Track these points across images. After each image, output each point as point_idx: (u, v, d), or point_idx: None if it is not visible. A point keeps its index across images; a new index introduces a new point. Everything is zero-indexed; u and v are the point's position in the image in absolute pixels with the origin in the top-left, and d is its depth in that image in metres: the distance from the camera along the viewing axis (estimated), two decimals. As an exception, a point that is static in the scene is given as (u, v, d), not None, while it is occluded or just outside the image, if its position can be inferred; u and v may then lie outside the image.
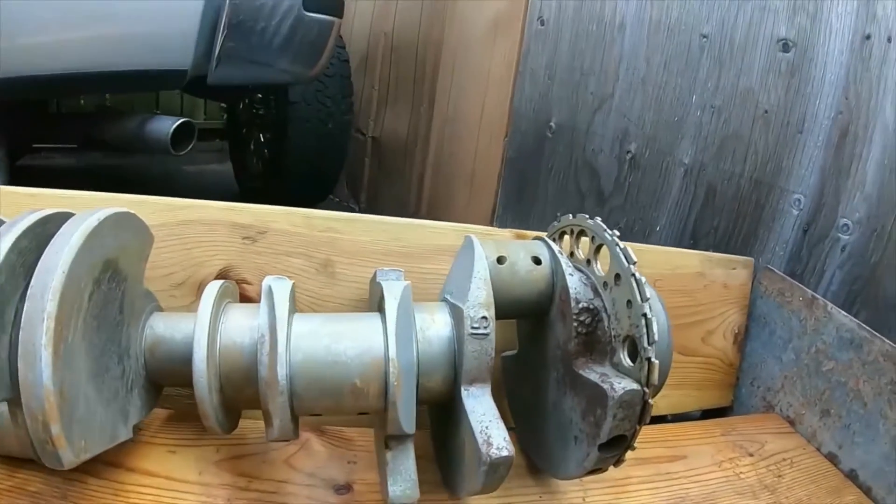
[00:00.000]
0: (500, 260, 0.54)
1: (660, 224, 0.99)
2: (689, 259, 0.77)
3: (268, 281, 0.51)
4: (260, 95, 1.87)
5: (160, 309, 0.59)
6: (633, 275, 0.51)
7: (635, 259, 0.52)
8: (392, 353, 0.46)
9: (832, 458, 0.73)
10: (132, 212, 0.54)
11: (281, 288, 0.49)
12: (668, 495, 0.63)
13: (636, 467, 0.64)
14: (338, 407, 0.48)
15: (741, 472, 0.68)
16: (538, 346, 0.58)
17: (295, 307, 0.52)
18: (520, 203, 1.26)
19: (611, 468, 0.53)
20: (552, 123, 1.15)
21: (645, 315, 0.50)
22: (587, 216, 0.57)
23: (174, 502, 0.54)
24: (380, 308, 0.51)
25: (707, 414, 0.83)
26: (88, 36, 1.11)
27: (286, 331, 0.46)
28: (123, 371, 0.54)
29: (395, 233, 0.64)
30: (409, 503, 0.50)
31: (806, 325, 0.77)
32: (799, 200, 0.91)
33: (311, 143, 1.74)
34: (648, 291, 0.51)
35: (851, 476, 0.70)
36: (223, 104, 2.31)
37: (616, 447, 0.52)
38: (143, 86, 1.46)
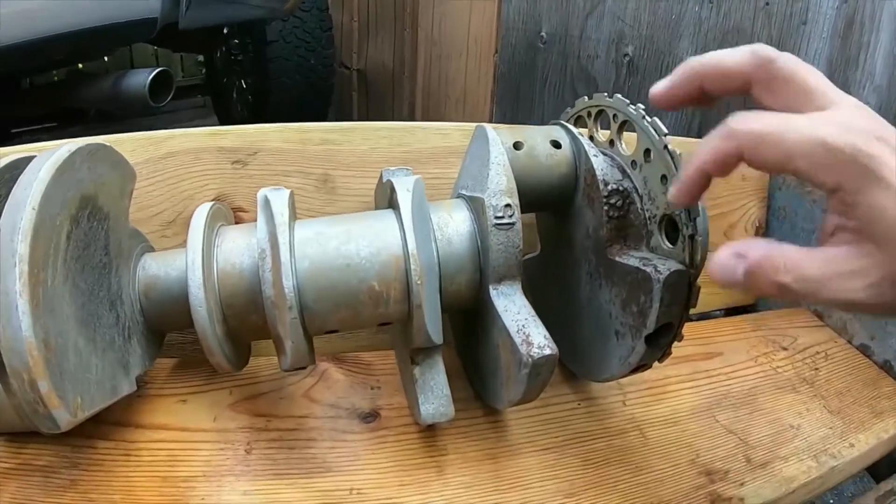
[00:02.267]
0: (516, 145, 0.44)
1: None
2: (704, 149, 0.67)
3: (263, 192, 0.41)
4: (236, 41, 1.71)
5: (152, 249, 0.49)
6: (666, 146, 0.42)
7: (666, 130, 0.42)
8: (412, 247, 0.36)
9: (864, 350, 0.65)
10: (107, 144, 0.45)
11: (278, 196, 0.39)
12: (709, 393, 0.55)
13: (672, 366, 0.56)
14: (356, 318, 0.39)
15: (778, 367, 0.60)
16: (564, 241, 0.48)
17: (296, 216, 0.42)
18: (516, 120, 1.15)
19: (659, 364, 0.44)
20: (543, 33, 1.03)
21: (683, 189, 0.40)
22: (605, 94, 0.47)
23: (191, 454, 0.45)
24: (391, 205, 0.41)
25: (729, 313, 0.74)
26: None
27: (288, 237, 0.37)
28: (118, 318, 0.45)
29: (397, 138, 0.54)
30: (443, 421, 0.41)
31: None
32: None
33: (294, 83, 1.60)
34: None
35: (886, 367, 0.63)
36: (200, 56, 2.13)
37: (663, 337, 0.43)
38: (113, 41, 1.29)
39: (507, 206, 0.41)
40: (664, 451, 0.49)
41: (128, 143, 0.51)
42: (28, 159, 0.43)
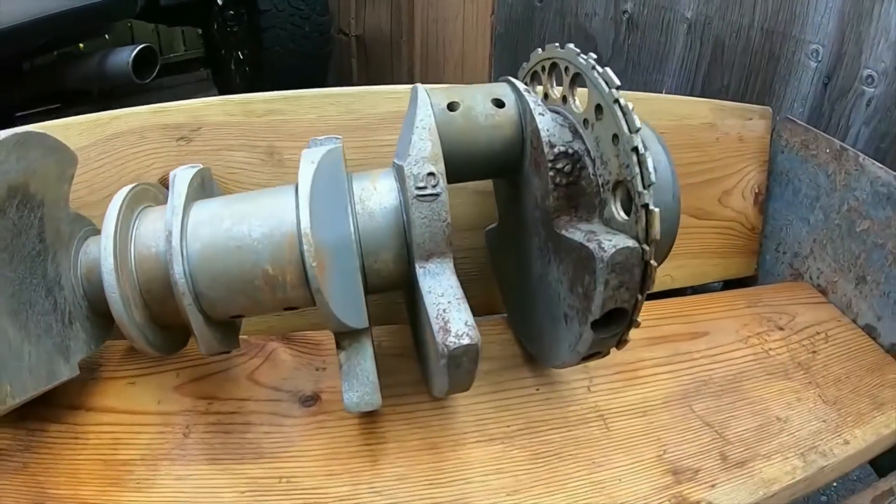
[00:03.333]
0: (451, 106, 0.38)
1: (665, 86, 0.79)
2: (697, 108, 0.59)
3: (175, 170, 0.36)
4: (231, 12, 1.65)
5: (97, 232, 0.46)
6: (617, 101, 0.34)
7: (618, 82, 0.35)
8: (304, 226, 0.31)
9: (870, 331, 0.56)
10: (39, 131, 0.42)
11: (183, 175, 0.34)
12: (688, 379, 0.48)
13: (649, 347, 0.49)
14: (256, 304, 0.34)
15: (771, 349, 0.52)
16: (516, 211, 0.42)
17: (212, 195, 0.38)
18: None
19: (617, 351, 0.37)
20: None
21: (636, 150, 0.33)
22: (556, 45, 0.39)
23: (133, 437, 0.43)
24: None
25: (728, 286, 0.65)
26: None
27: (181, 220, 0.32)
28: (55, 304, 0.42)
29: (346, 104, 0.49)
30: (368, 409, 0.36)
31: (835, 181, 0.58)
32: (817, 51, 0.70)
33: (289, 52, 1.52)
34: (638, 122, 0.33)
35: (892, 351, 0.54)
36: (199, 29, 2.09)
37: (615, 324, 0.36)
38: (97, 19, 1.25)
39: (431, 174, 0.35)
40: (628, 445, 0.42)
41: (75, 127, 0.49)
42: None
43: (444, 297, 0.34)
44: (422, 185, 0.35)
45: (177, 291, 0.33)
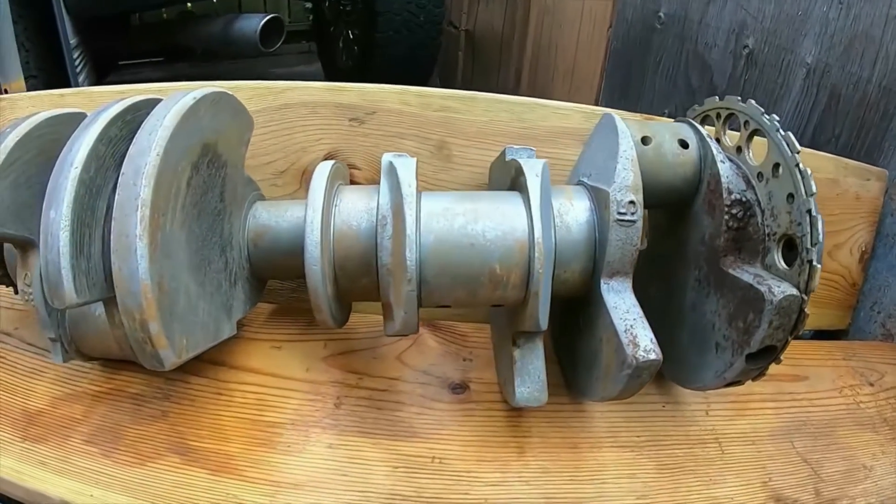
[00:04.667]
0: (644, 140, 0.46)
1: (777, 128, 0.87)
2: (823, 162, 0.67)
3: (388, 157, 0.43)
4: None
5: (263, 198, 0.53)
6: (798, 165, 0.42)
7: (799, 148, 0.43)
8: (538, 235, 0.39)
9: None
10: (229, 92, 0.47)
11: (405, 164, 0.42)
12: (790, 417, 0.57)
13: (759, 383, 0.57)
14: (471, 297, 0.42)
15: (861, 402, 0.61)
16: (676, 241, 0.50)
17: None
18: (624, 99, 1.14)
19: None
20: (661, 13, 1.02)
21: (810, 212, 0.42)
22: (738, 98, 0.48)
23: (280, 400, 0.50)
24: (515, 187, 0.43)
25: (818, 335, 0.74)
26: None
27: (415, 209, 0.39)
28: (226, 263, 0.49)
29: (518, 113, 0.56)
30: (536, 406, 0.44)
31: (937, 249, 0.67)
32: (931, 115, 0.78)
33: (401, 38, 1.63)
34: (814, 187, 0.42)
35: None
36: (308, 3, 2.20)
37: (763, 359, 0.45)
38: None
39: (632, 202, 0.43)
40: (739, 469, 0.51)
41: (246, 91, 0.55)
42: (149, 101, 0.46)
43: (629, 314, 0.43)
44: (623, 210, 0.43)
45: (397, 275, 0.40)
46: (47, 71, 1.18)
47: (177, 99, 0.43)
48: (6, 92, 1.10)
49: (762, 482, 0.50)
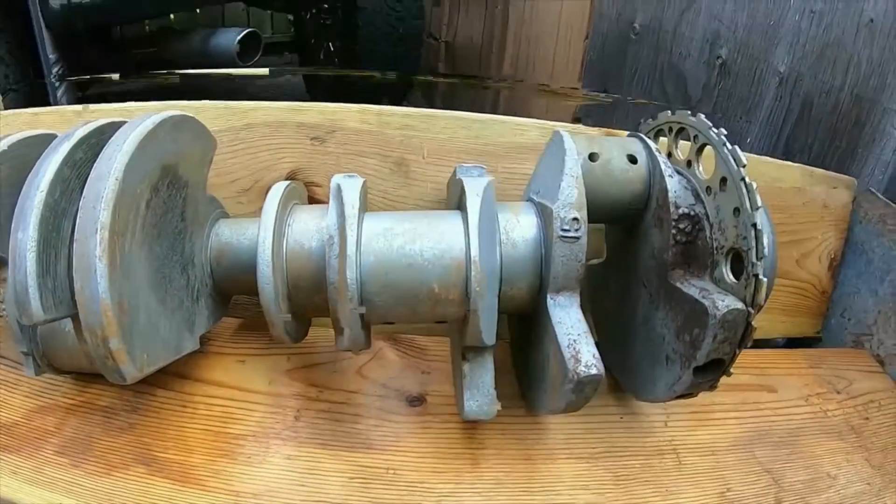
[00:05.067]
0: (591, 157, 0.47)
1: (750, 136, 0.88)
2: (788, 172, 0.68)
3: (336, 179, 0.45)
4: (326, 5, 1.81)
5: (227, 216, 0.55)
6: (743, 179, 0.44)
7: (745, 161, 0.44)
8: (474, 254, 0.40)
9: None
10: (190, 115, 0.49)
11: (350, 185, 0.44)
12: (752, 426, 0.58)
13: (722, 393, 0.58)
14: (413, 315, 0.43)
15: (828, 410, 0.62)
16: (628, 256, 0.51)
17: (366, 207, 0.46)
18: (602, 109, 1.16)
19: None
20: (636, 24, 1.03)
21: (755, 225, 0.43)
22: (689, 112, 0.49)
23: (244, 413, 0.51)
24: (460, 206, 0.45)
25: (791, 343, 0.75)
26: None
27: (356, 231, 0.41)
28: (188, 280, 0.50)
29: (476, 130, 0.58)
30: (485, 419, 0.45)
31: (908, 256, 0.67)
32: (903, 122, 0.78)
33: (381, 50, 1.68)
34: (759, 200, 0.43)
35: None
36: (290, 16, 2.26)
37: (711, 372, 0.46)
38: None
39: (575, 219, 0.44)
40: (697, 479, 0.52)
41: (210, 111, 0.57)
42: (113, 124, 0.48)
43: (573, 330, 0.44)
44: (566, 227, 0.44)
45: (341, 296, 0.42)
46: (27, 84, 1.21)
47: (137, 124, 0.45)
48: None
49: (719, 493, 0.51)
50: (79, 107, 0.60)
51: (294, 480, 0.47)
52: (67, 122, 0.59)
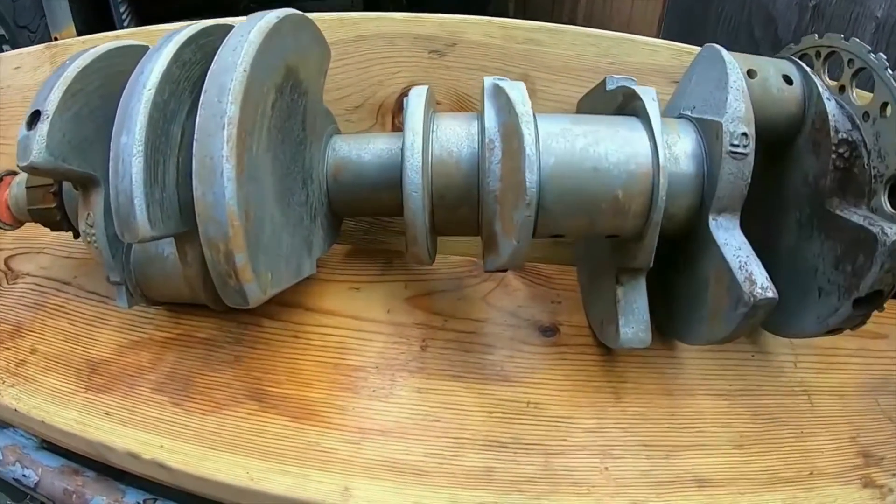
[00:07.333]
0: (750, 73, 0.48)
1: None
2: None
3: (489, 80, 0.44)
4: None
5: (340, 132, 0.53)
6: (910, 103, 0.44)
7: (911, 85, 0.44)
8: (663, 161, 0.39)
9: None
10: (309, 17, 0.47)
11: (513, 85, 0.42)
12: (873, 373, 0.60)
13: (843, 338, 0.59)
14: (589, 226, 0.43)
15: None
16: (773, 182, 0.52)
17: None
18: None
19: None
20: None
21: (922, 149, 0.43)
22: (841, 35, 0.49)
23: (362, 343, 0.51)
24: (626, 113, 0.44)
25: None
26: None
27: (533, 129, 0.40)
28: (307, 196, 0.49)
29: (605, 48, 0.58)
30: (640, 347, 0.45)
31: None
32: None
33: None
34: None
35: None
36: None
37: (869, 304, 0.46)
38: None
39: (745, 134, 0.44)
40: (828, 423, 0.53)
41: (318, 23, 0.55)
42: (221, 27, 0.46)
43: (741, 251, 0.44)
44: (735, 143, 0.44)
45: (511, 201, 0.41)
46: (94, 24, 1.18)
47: (259, 17, 0.43)
48: (56, 40, 1.10)
49: (851, 437, 0.53)
50: (164, 25, 0.57)
51: (427, 416, 0.47)
52: (153, 40, 0.57)
